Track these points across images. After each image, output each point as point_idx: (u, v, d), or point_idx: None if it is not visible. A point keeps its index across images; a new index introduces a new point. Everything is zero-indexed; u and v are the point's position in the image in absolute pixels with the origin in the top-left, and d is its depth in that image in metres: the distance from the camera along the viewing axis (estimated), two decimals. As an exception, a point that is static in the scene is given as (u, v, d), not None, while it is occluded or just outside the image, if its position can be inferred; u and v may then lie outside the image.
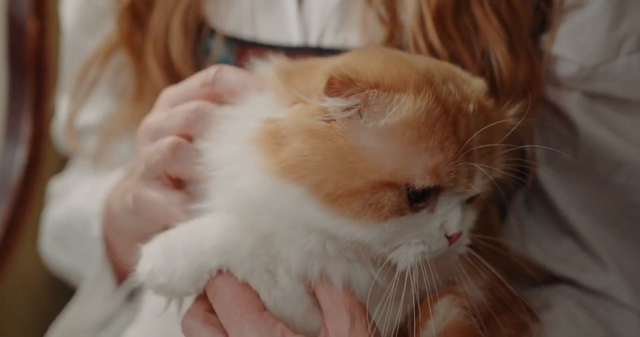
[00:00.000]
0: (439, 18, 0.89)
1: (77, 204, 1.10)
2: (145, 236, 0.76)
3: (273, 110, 0.73)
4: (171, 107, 0.82)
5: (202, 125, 0.77)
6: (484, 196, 0.76)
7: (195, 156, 0.77)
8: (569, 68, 0.91)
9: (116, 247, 1.00)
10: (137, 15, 1.02)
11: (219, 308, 0.73)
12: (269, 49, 0.92)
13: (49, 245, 1.15)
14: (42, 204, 1.20)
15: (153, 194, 0.81)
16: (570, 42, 0.90)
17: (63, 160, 1.23)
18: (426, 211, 0.71)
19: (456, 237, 0.73)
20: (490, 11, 0.90)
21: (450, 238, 0.72)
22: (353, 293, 0.73)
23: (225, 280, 0.73)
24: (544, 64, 0.92)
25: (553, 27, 0.91)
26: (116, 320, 1.04)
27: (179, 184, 0.81)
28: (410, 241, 0.71)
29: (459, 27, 0.90)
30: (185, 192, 0.80)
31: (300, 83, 0.74)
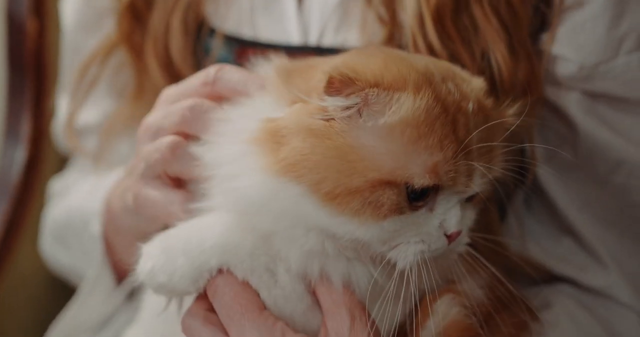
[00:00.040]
0: (439, 18, 0.89)
1: (77, 204, 1.10)
2: (145, 235, 0.76)
3: (273, 109, 0.73)
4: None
5: (199, 122, 0.77)
6: (484, 195, 0.76)
7: (195, 155, 0.77)
8: (569, 67, 0.91)
9: (116, 247, 1.00)
10: (137, 15, 1.02)
11: (219, 307, 0.73)
12: (268, 49, 0.92)
13: (49, 244, 1.15)
14: (42, 204, 1.19)
15: (153, 193, 0.81)
16: (570, 41, 0.90)
17: (63, 160, 1.23)
18: (425, 209, 0.71)
19: (455, 236, 0.73)
20: (490, 11, 0.90)
21: (450, 237, 0.72)
22: (353, 292, 0.73)
23: (225, 279, 0.73)
24: (544, 63, 0.92)
25: (553, 26, 0.91)
26: (116, 319, 1.04)
27: (179, 183, 0.81)
28: (409, 239, 0.71)
29: (459, 27, 0.90)
30: (185, 191, 0.80)
31: (300, 82, 0.74)
